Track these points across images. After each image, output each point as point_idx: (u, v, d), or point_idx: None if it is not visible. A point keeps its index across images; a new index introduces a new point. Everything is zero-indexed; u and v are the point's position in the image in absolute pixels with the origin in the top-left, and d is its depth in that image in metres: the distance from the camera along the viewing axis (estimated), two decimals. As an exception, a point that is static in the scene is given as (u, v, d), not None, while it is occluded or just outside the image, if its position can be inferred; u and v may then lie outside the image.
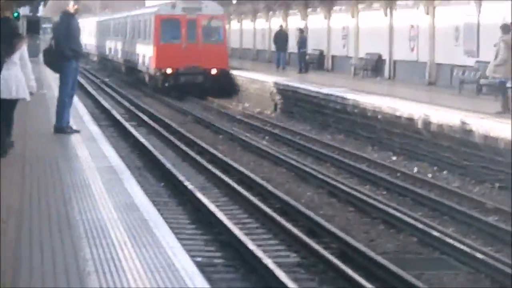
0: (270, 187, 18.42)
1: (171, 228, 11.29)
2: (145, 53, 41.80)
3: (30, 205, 12.40)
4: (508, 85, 22.21)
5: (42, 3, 51.67)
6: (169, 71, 38.01)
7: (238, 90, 39.86)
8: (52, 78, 25.25)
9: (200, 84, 37.88)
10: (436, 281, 12.71)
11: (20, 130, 18.77)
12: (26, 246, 9.83)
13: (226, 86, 38.34)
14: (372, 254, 13.08)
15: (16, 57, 16.40)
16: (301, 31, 45.14)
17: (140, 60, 45.64)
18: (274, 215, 15.90)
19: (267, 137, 27.44)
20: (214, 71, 38.05)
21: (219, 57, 38.70)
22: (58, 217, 11.42)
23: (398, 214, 16.02)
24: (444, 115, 22.17)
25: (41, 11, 55.30)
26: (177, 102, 39.17)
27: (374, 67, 38.82)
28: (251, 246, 13.48)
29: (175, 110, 36.93)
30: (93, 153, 17.27)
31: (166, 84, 39.63)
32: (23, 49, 17.00)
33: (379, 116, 24.90)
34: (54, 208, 12.15)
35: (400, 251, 14.48)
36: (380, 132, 24.59)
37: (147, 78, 42.78)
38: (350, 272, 12.03)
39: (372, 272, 12.65)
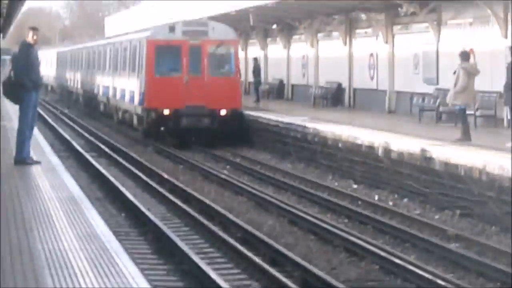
0: (231, 216, 18.57)
1: (132, 258, 11.58)
2: (132, 89, 33.93)
3: None
4: (468, 112, 21.61)
5: (0, 34, 50.68)
6: (166, 112, 30.19)
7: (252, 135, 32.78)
8: (12, 110, 25.34)
9: (206, 129, 30.32)
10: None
11: None
12: None
13: (239, 131, 30.86)
14: (334, 282, 13.13)
15: None
16: (255, 60, 43.48)
17: (125, 97, 37.77)
18: (236, 244, 16.06)
19: (228, 167, 27.40)
20: (223, 112, 30.48)
21: (231, 94, 30.77)
22: (20, 247, 11.39)
23: (359, 242, 16.01)
24: (404, 143, 22.68)
25: (1, 43, 53.83)
26: (136, 134, 35.41)
27: (334, 95, 39.18)
28: (213, 275, 13.54)
29: (134, 140, 35.09)
30: (54, 183, 17.37)
31: (162, 129, 31.80)
32: None
33: (339, 145, 25.30)
34: (16, 238, 12.21)
35: (362, 279, 14.46)
36: (341, 160, 24.79)
37: (134, 120, 35.17)
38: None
39: None
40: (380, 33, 34.27)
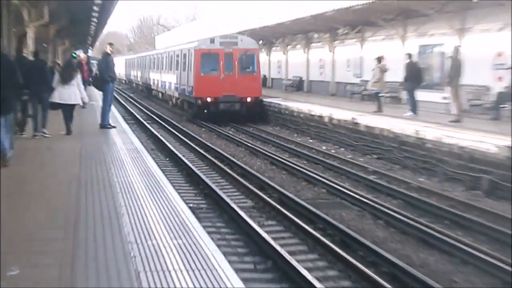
0: (234, 159, 18.38)
1: (173, 185, 11.32)
2: (184, 83, 32.14)
3: (85, 173, 11.97)
4: (380, 94, 22.63)
5: (90, 47, 50.67)
6: (209, 99, 28.65)
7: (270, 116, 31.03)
8: (98, 95, 24.41)
9: (237, 112, 28.67)
10: (337, 216, 12.46)
11: (78, 126, 18.60)
12: (83, 196, 9.73)
13: (260, 113, 29.69)
14: (298, 199, 13.41)
15: (74, 81, 16.68)
16: None
17: (178, 89, 35.03)
18: (237, 176, 15.93)
19: (232, 129, 28.04)
20: (249, 99, 28.89)
21: (254, 87, 29.16)
22: (103, 180, 11.18)
23: (313, 175, 16.26)
24: (341, 114, 24.19)
25: (90, 52, 54.42)
26: (185, 113, 33.85)
27: (298, 84, 41.95)
28: (222, 194, 13.51)
29: (180, 116, 33.69)
30: (124, 140, 16.85)
31: (206, 111, 30.02)
32: (77, 77, 17.22)
33: (301, 115, 27.18)
34: (101, 174, 11.83)
35: (316, 198, 14.43)
36: (301, 125, 26.48)
37: (185, 105, 33.58)
38: (286, 211, 12.16)
39: (299, 211, 12.53)
40: (326, 46, 36.69)
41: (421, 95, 22.51)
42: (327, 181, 15.20)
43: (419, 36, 25.82)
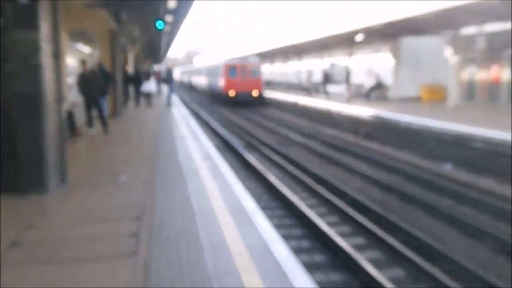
0: (241, 125, 25.63)
1: (207, 137, 16.77)
2: (219, 84, 42.09)
3: (159, 126, 15.89)
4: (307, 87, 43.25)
5: (160, 63, 66.40)
6: (232, 94, 38.53)
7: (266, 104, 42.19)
8: (165, 88, 35.23)
9: (248, 101, 38.42)
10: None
11: (154, 104, 26.63)
12: (158, 139, 13.42)
13: (260, 102, 39.57)
14: (268, 142, 19.52)
15: (150, 80, 26.85)
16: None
17: (215, 87, 45.58)
18: (240, 132, 23.37)
19: (242, 111, 37.14)
20: (255, 93, 38.90)
21: (258, 85, 38.95)
22: (166, 133, 14.11)
23: (276, 130, 23.31)
24: (291, 98, 37.70)
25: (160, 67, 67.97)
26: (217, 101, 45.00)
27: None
28: (230, 139, 21.42)
29: (214, 102, 44.89)
30: (180, 112, 22.84)
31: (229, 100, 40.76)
32: (152, 79, 28.02)
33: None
34: (165, 129, 15.08)
35: (280, 143, 19.46)
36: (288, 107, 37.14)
37: (217, 97, 43.61)
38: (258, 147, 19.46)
39: (260, 151, 18.81)
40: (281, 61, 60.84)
41: (331, 88, 39.85)
42: (282, 133, 22.54)
43: (330, 57, 44.05)
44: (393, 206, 10.99)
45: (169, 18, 20.33)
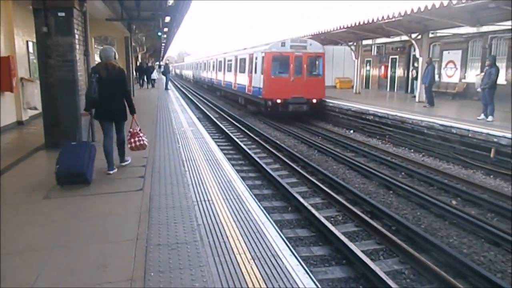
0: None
1: (192, 110, 14.06)
2: (256, 85, 19.11)
3: (159, 102, 15.21)
4: None
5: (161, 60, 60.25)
6: (278, 101, 18.10)
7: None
8: (162, 79, 30.42)
9: (304, 112, 18.39)
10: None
11: (156, 87, 25.03)
12: (159, 112, 12.70)
13: (322, 113, 18.70)
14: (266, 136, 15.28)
15: (154, 72, 25.97)
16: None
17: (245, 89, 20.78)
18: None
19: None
20: (314, 101, 18.65)
21: (319, 89, 18.76)
22: (165, 117, 11.66)
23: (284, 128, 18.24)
24: None
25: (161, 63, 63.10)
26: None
27: None
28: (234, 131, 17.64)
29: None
30: (174, 95, 20.72)
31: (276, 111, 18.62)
32: (155, 71, 26.66)
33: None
34: (165, 103, 14.57)
35: (280, 137, 15.93)
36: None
37: (261, 107, 19.18)
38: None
39: (244, 132, 15.72)
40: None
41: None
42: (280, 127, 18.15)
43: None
44: (313, 157, 11.00)
45: (166, 29, 19.73)
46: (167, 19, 15.76)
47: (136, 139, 6.12)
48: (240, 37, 47.08)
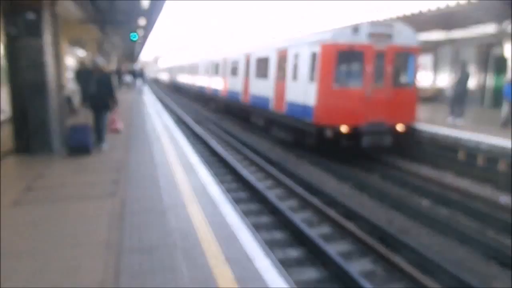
0: (258, 149, 11.84)
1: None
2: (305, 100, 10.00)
3: (136, 99, 16.62)
4: None
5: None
6: (344, 129, 8.98)
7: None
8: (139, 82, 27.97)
9: (386, 147, 9.39)
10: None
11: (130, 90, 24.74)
12: (135, 106, 14.60)
13: (411, 146, 10.03)
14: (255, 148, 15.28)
15: (138, 80, 25.15)
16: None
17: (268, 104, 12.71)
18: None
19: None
20: (400, 128, 9.41)
21: (409, 107, 9.41)
22: (144, 126, 12.11)
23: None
24: None
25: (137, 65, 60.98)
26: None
27: None
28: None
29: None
30: (148, 99, 21.44)
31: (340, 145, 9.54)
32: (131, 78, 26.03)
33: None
34: (139, 110, 14.82)
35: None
36: None
37: (308, 137, 10.15)
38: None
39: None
40: None
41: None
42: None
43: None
44: (290, 160, 10.79)
45: (140, 31, 19.95)
46: (142, 20, 15.71)
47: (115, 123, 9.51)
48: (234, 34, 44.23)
